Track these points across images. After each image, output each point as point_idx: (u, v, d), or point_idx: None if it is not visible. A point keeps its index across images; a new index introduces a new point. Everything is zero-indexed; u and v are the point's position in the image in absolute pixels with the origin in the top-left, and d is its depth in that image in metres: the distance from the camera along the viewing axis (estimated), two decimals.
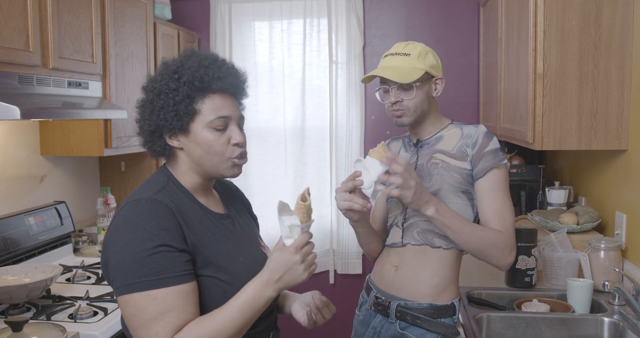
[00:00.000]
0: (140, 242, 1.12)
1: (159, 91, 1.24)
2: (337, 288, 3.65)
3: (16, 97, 1.85)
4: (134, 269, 1.11)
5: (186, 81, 1.22)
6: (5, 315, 1.89)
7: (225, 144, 1.25)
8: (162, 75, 1.25)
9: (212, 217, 1.30)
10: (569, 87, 2.05)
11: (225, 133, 1.25)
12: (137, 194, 1.22)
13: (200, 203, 1.30)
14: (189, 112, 1.22)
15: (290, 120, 3.55)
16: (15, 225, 2.32)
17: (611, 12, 2.01)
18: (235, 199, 1.47)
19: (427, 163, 1.68)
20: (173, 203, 1.20)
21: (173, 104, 1.22)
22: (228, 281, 1.22)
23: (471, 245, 1.57)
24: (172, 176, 1.29)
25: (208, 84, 1.23)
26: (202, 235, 1.23)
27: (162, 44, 3.06)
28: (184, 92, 1.21)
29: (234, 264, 1.25)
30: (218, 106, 1.25)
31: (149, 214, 1.15)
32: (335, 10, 3.45)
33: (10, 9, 1.89)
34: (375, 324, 1.72)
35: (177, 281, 1.13)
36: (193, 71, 1.23)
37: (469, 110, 3.48)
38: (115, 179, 3.16)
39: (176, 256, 1.14)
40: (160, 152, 1.28)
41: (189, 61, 1.25)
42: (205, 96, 1.24)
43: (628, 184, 2.08)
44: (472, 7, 3.44)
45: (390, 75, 1.60)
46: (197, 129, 1.23)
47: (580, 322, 1.79)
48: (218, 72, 1.24)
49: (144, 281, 1.11)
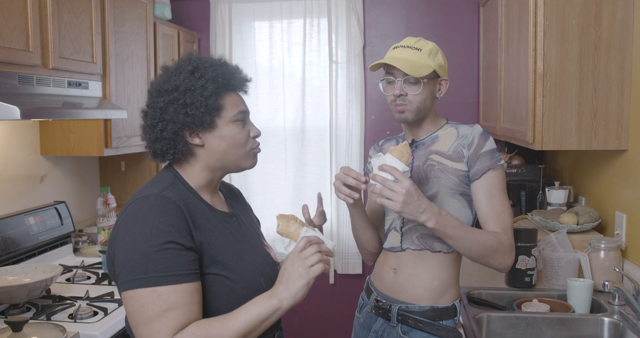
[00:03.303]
0: (148, 238, 1.12)
1: (184, 89, 1.24)
2: (337, 288, 3.65)
3: (16, 97, 1.85)
4: (141, 265, 1.11)
5: (210, 78, 1.26)
6: (5, 315, 1.89)
7: (247, 137, 1.31)
8: (181, 75, 1.26)
9: (218, 215, 1.31)
10: (569, 87, 2.05)
11: (245, 127, 1.32)
12: (144, 191, 1.22)
13: (205, 201, 1.31)
14: (217, 108, 1.26)
15: (290, 120, 3.56)
16: (15, 225, 2.32)
17: (611, 12, 2.01)
18: (238, 201, 1.50)
19: (423, 164, 1.66)
20: (181, 200, 1.21)
21: (203, 99, 1.24)
22: (234, 279, 1.23)
23: (472, 251, 1.55)
24: (178, 175, 1.30)
25: (229, 80, 1.29)
26: (209, 232, 1.24)
27: (162, 44, 3.06)
28: (210, 88, 1.25)
29: (240, 262, 1.26)
30: (237, 101, 1.31)
31: (157, 210, 1.16)
32: (335, 10, 3.45)
33: (10, 9, 1.89)
34: (377, 328, 1.71)
35: (183, 279, 1.13)
36: (214, 68, 1.27)
37: (469, 110, 3.48)
38: (115, 179, 3.16)
39: (183, 254, 1.14)
40: (183, 152, 1.28)
41: (202, 61, 1.28)
42: (226, 93, 1.29)
43: (628, 184, 2.08)
44: (472, 7, 3.44)
45: (402, 65, 1.57)
46: (223, 124, 1.28)
47: (580, 322, 1.79)
48: (232, 71, 1.30)
49: (149, 278, 1.11)
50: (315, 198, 4.01)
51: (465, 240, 1.52)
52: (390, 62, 1.59)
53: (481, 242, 1.54)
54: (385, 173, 1.44)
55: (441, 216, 1.48)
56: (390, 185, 1.42)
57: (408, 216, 1.46)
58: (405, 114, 1.64)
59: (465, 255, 1.58)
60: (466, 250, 1.55)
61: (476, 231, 1.57)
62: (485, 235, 1.56)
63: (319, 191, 3.61)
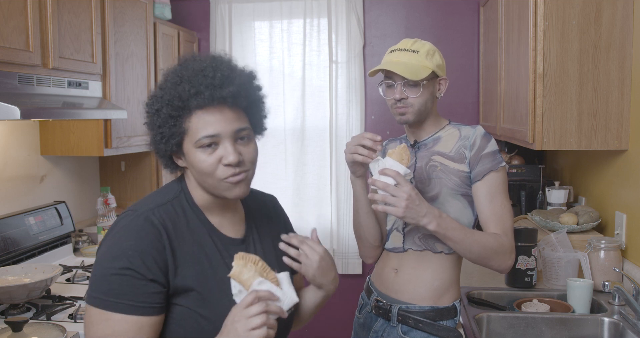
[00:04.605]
0: (112, 258, 1.07)
1: (147, 113, 1.16)
2: (337, 288, 3.65)
3: (16, 97, 1.85)
4: (98, 283, 1.08)
5: (167, 100, 1.11)
6: (5, 315, 1.89)
7: (215, 164, 1.12)
8: (153, 94, 1.16)
9: (219, 241, 1.19)
10: (569, 87, 2.05)
11: (216, 152, 1.12)
12: (140, 204, 1.16)
13: (210, 223, 1.19)
14: (175, 134, 1.12)
15: (290, 120, 3.56)
16: (15, 225, 2.32)
17: (611, 12, 2.01)
18: (268, 219, 1.34)
19: (425, 165, 1.66)
20: (170, 222, 1.12)
21: (158, 126, 1.13)
22: (207, 318, 1.11)
23: (473, 253, 1.55)
24: (186, 189, 1.20)
25: (187, 101, 1.10)
26: (194, 261, 1.13)
27: (162, 44, 3.06)
28: (165, 113, 1.11)
29: (222, 299, 1.12)
30: (205, 123, 1.11)
31: (132, 231, 1.09)
32: (335, 10, 3.45)
33: (10, 9, 1.89)
34: (377, 328, 1.71)
35: (132, 310, 1.05)
36: (173, 86, 1.12)
37: (469, 110, 3.48)
38: (115, 179, 3.16)
39: (141, 284, 1.06)
40: (172, 167, 1.21)
41: (174, 73, 1.14)
42: (191, 114, 1.11)
43: (628, 184, 2.08)
44: (472, 7, 3.44)
45: (400, 70, 1.57)
46: (189, 150, 1.13)
47: (580, 322, 1.79)
48: (198, 85, 1.09)
49: (102, 299, 1.06)
50: (315, 199, 3.95)
51: (465, 242, 1.53)
52: (389, 68, 1.59)
53: (481, 244, 1.54)
54: (386, 177, 1.44)
55: (442, 219, 1.49)
56: (392, 191, 1.43)
57: (410, 221, 1.47)
58: (407, 116, 1.63)
59: (466, 256, 1.58)
60: (467, 252, 1.55)
61: (476, 233, 1.57)
62: (486, 237, 1.57)
63: (319, 190, 3.64)
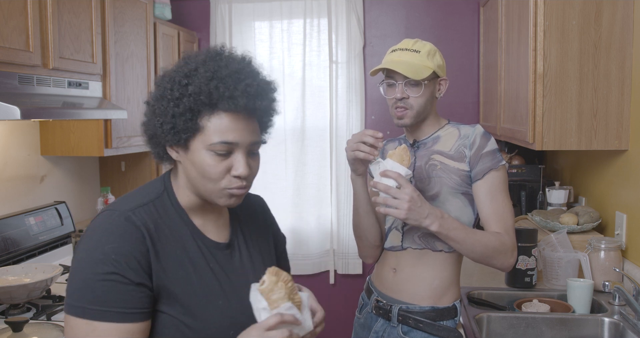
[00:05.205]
0: (94, 263, 0.99)
1: (160, 95, 1.05)
2: (337, 289, 3.65)
3: (16, 97, 1.85)
4: (81, 291, 0.99)
5: (193, 92, 1.02)
6: (6, 315, 1.89)
7: (223, 173, 1.05)
8: (173, 75, 1.06)
9: (203, 245, 1.11)
10: (569, 87, 2.05)
11: (227, 160, 1.05)
12: (119, 203, 1.08)
13: (194, 225, 1.12)
14: (189, 129, 1.04)
15: (290, 120, 3.55)
16: (15, 225, 2.32)
17: (611, 12, 2.01)
18: (254, 223, 1.27)
19: (425, 164, 1.66)
20: (152, 223, 1.05)
21: (172, 116, 1.03)
22: (192, 327, 1.05)
23: (475, 253, 1.56)
24: (170, 189, 1.13)
25: (216, 101, 1.02)
26: (178, 265, 1.06)
27: (162, 44, 3.06)
28: (186, 105, 1.02)
29: (208, 307, 1.07)
30: (226, 127, 1.03)
31: (113, 233, 1.01)
32: (335, 10, 3.45)
33: (10, 9, 1.89)
34: (377, 328, 1.71)
35: (121, 318, 0.98)
36: (204, 81, 1.02)
37: (469, 110, 3.48)
38: (115, 179, 3.16)
39: (129, 289, 0.99)
40: (161, 157, 1.13)
41: (205, 66, 1.04)
42: (212, 113, 1.03)
43: (628, 184, 2.08)
44: (472, 7, 3.44)
45: (402, 70, 1.57)
46: (196, 148, 1.05)
47: (580, 322, 1.79)
48: (233, 89, 1.02)
49: (86, 308, 0.98)
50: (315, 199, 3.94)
51: (467, 241, 1.53)
52: (391, 67, 1.59)
53: (483, 243, 1.55)
54: (387, 178, 1.44)
55: (444, 220, 1.49)
56: (394, 193, 1.43)
57: (413, 223, 1.47)
58: (404, 120, 1.64)
59: (468, 256, 1.59)
60: (469, 251, 1.55)
61: (478, 233, 1.57)
62: (488, 236, 1.57)
63: (319, 190, 3.64)
